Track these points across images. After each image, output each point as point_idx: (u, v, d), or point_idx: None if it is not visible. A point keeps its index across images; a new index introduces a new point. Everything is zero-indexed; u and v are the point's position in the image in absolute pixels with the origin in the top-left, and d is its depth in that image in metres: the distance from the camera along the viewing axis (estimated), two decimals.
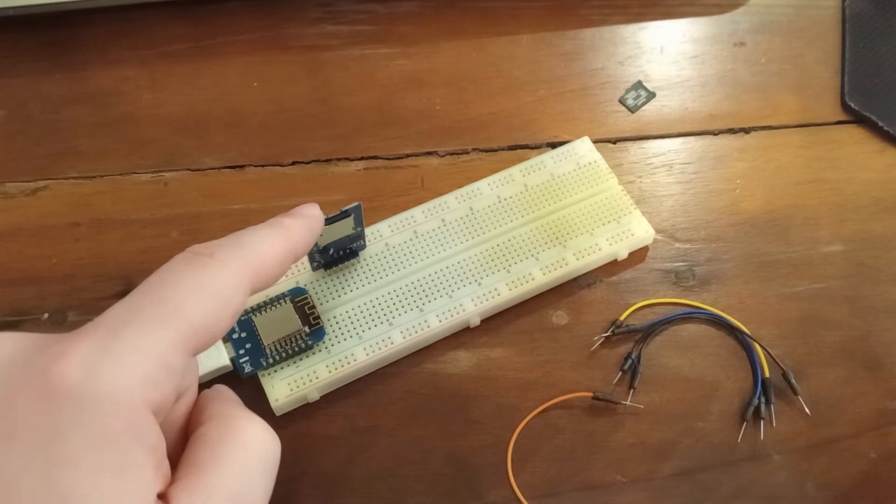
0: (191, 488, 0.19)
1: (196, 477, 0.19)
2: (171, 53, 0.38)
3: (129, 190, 0.34)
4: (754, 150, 0.35)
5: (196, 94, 0.37)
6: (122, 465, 0.18)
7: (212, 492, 0.19)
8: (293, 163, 0.35)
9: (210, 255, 0.21)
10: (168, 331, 0.19)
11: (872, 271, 0.32)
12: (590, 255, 0.31)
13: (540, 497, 0.28)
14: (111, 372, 0.18)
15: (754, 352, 0.30)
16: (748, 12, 0.39)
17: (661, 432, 0.29)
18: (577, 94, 0.37)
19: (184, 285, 0.20)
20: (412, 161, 0.35)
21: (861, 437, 0.29)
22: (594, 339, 0.31)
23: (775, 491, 0.28)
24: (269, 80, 0.37)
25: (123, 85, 0.37)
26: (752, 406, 0.29)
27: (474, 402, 0.30)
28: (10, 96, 0.37)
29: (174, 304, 0.20)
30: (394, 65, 0.38)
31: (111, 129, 0.36)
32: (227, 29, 0.38)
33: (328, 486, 0.28)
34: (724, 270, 0.32)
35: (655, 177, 0.35)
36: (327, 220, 0.27)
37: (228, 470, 0.20)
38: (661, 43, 0.38)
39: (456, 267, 0.31)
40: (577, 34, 0.38)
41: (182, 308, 0.20)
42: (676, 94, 0.37)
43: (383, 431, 0.29)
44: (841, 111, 0.36)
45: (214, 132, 0.36)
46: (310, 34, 0.38)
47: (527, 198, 0.33)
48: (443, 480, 0.28)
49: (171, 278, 0.20)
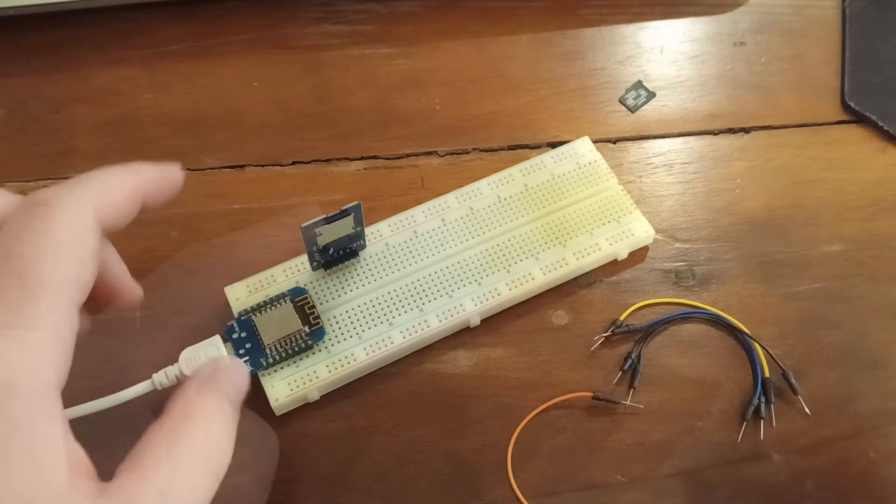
0: (124, 487, 0.19)
1: (133, 475, 0.19)
2: (171, 53, 0.38)
3: None
4: (754, 149, 0.35)
5: (196, 93, 0.37)
6: (28, 450, 0.18)
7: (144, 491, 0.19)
8: (293, 163, 0.35)
9: (45, 204, 0.20)
10: (40, 306, 0.19)
11: (872, 271, 0.32)
12: (590, 254, 0.31)
13: (540, 497, 0.28)
14: (6, 366, 0.18)
15: (754, 351, 0.30)
16: (748, 12, 0.39)
17: (661, 432, 0.29)
18: (577, 93, 0.37)
19: (32, 250, 0.19)
20: (412, 161, 0.35)
21: (861, 437, 0.29)
22: (594, 339, 0.31)
23: (775, 491, 0.28)
24: (269, 80, 0.37)
25: (123, 85, 0.37)
26: (752, 406, 0.29)
27: (474, 401, 0.30)
28: (10, 96, 0.37)
29: (31, 273, 0.19)
30: (394, 65, 0.38)
31: (111, 129, 0.36)
32: (227, 29, 0.38)
33: (328, 485, 0.28)
34: (724, 270, 0.32)
35: (655, 177, 0.35)
36: (327, 219, 0.27)
37: (168, 470, 0.19)
38: (661, 43, 0.38)
39: (456, 267, 0.31)
40: (577, 34, 0.38)
41: (41, 276, 0.19)
42: (676, 94, 0.37)
43: (383, 431, 0.29)
44: (841, 111, 0.36)
45: (214, 132, 0.36)
46: (310, 34, 0.38)
47: (527, 198, 0.33)
48: (443, 480, 0.28)
49: (16, 245, 0.19)
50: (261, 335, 0.28)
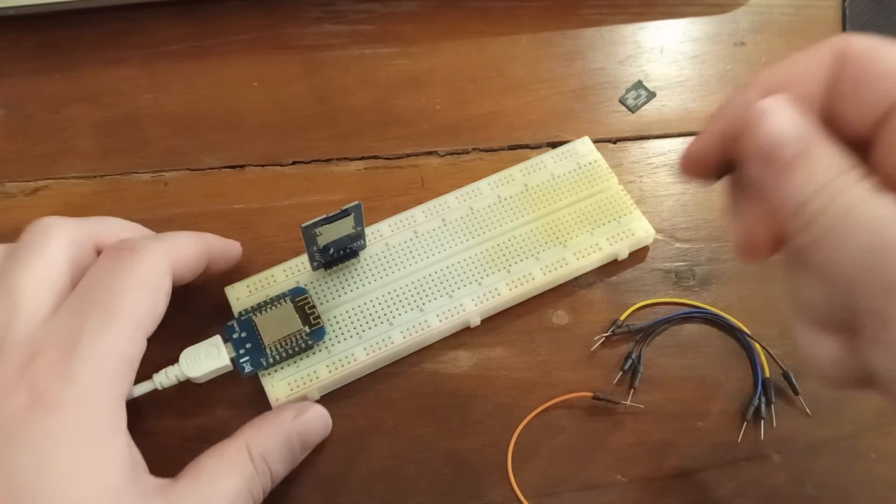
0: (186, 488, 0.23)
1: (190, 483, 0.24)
2: (171, 53, 0.38)
3: (129, 189, 0.34)
4: None
5: (196, 93, 0.37)
6: (102, 453, 0.21)
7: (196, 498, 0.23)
8: (293, 163, 0.35)
9: (132, 249, 0.24)
10: (121, 326, 0.23)
11: None
12: (590, 254, 0.31)
13: (540, 497, 0.28)
14: (84, 374, 0.21)
15: (754, 351, 0.30)
16: (748, 12, 0.39)
17: (661, 432, 0.29)
18: (577, 93, 0.37)
19: (118, 284, 0.23)
20: (412, 161, 0.35)
21: (861, 437, 0.29)
22: (594, 339, 0.31)
23: (775, 491, 0.28)
24: (269, 80, 0.37)
25: (123, 84, 0.37)
26: (752, 406, 0.29)
27: (474, 401, 0.30)
28: (10, 96, 0.37)
29: (114, 304, 0.23)
30: (394, 65, 0.38)
31: (111, 129, 0.36)
32: (227, 29, 0.38)
33: (328, 486, 0.28)
34: (724, 270, 0.32)
35: (655, 176, 0.35)
36: (327, 219, 0.27)
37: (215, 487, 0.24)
38: (662, 43, 0.38)
39: (456, 267, 0.31)
40: (577, 34, 0.38)
41: (122, 305, 0.23)
42: (677, 94, 0.37)
43: (383, 431, 0.29)
44: None
45: (214, 132, 0.36)
46: (310, 34, 0.38)
47: (527, 197, 0.33)
48: (443, 480, 0.28)
49: (103, 281, 0.24)
50: (261, 335, 0.28)
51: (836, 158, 0.17)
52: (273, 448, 0.26)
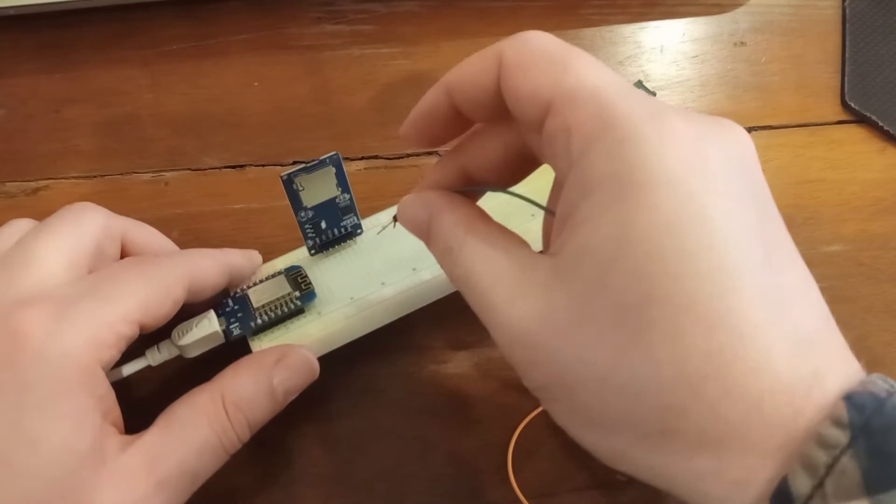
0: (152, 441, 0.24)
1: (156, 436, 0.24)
2: (171, 53, 0.38)
3: (129, 189, 0.34)
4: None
5: (196, 93, 0.37)
6: (77, 412, 0.22)
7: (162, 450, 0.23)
8: (293, 163, 0.35)
9: (155, 257, 0.27)
10: (119, 305, 0.24)
11: (872, 271, 0.32)
12: None
13: (540, 497, 0.28)
14: (69, 333, 0.22)
15: None
16: (748, 12, 0.39)
17: None
18: None
19: (133, 274, 0.25)
20: (412, 161, 0.35)
21: None
22: None
23: None
24: (269, 80, 0.37)
25: (124, 84, 0.37)
26: None
27: (474, 402, 0.30)
28: (10, 96, 0.37)
29: (125, 285, 0.24)
30: (394, 65, 0.38)
31: (111, 129, 0.36)
32: (227, 29, 0.38)
33: (328, 485, 0.28)
34: None
35: None
36: (305, 168, 0.27)
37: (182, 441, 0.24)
38: (661, 43, 0.38)
39: None
40: (577, 34, 0.38)
41: (131, 289, 0.24)
42: (677, 94, 0.37)
43: (383, 431, 0.29)
44: (841, 111, 0.36)
45: (215, 132, 0.36)
46: (310, 34, 0.38)
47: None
48: (443, 480, 0.28)
49: (123, 269, 0.25)
50: (251, 301, 0.28)
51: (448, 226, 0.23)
52: (251, 396, 0.25)
